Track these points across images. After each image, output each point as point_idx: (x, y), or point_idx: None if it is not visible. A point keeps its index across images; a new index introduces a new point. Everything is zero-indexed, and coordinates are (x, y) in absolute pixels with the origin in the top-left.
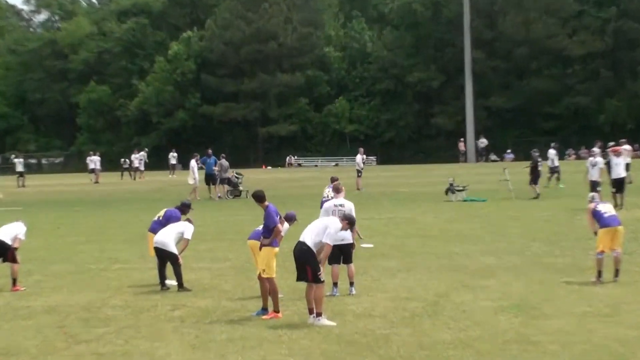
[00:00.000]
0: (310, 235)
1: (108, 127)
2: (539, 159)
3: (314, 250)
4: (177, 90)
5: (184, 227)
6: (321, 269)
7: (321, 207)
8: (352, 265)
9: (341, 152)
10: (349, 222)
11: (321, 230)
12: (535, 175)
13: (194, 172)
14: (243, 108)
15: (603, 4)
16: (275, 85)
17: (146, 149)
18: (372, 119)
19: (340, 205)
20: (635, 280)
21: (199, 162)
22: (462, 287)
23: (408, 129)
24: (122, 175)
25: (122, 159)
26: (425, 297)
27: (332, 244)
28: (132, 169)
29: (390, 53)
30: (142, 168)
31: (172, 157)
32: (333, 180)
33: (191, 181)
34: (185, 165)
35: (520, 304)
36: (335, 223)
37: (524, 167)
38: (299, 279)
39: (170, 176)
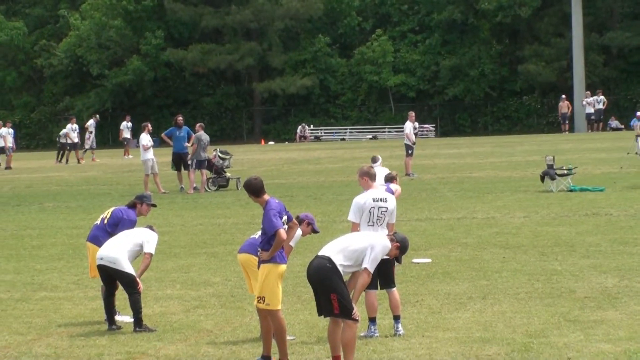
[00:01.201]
0: (337, 252)
1: (24, 84)
2: None
3: (342, 273)
4: (128, 25)
5: (143, 236)
6: (354, 306)
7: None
8: (395, 290)
9: (382, 118)
10: (400, 246)
11: (360, 248)
12: None
13: (144, 152)
14: (230, 52)
15: None
16: (279, 17)
17: (96, 116)
18: (429, 67)
19: (382, 199)
20: None
21: (162, 134)
22: (567, 323)
23: (483, 81)
24: (60, 156)
25: (65, 131)
26: (510, 339)
27: (372, 272)
28: (67, 147)
29: None
30: (91, 145)
31: (126, 128)
32: (374, 160)
33: (147, 158)
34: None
35: None
36: (383, 241)
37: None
38: (320, 312)
39: (125, 157)
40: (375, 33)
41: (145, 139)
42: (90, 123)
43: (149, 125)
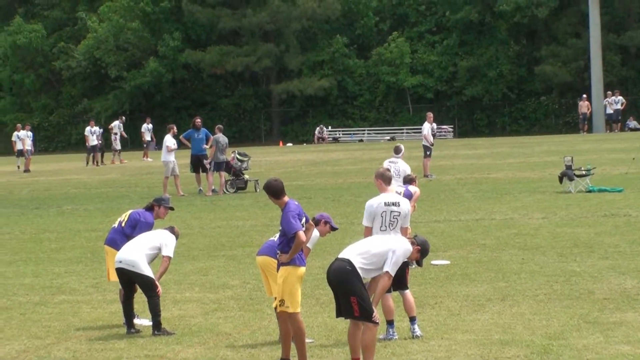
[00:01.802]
0: (358, 254)
1: (43, 86)
2: None
3: (362, 276)
4: (146, 27)
5: (161, 239)
6: (374, 309)
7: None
8: (408, 292)
9: (400, 119)
10: (421, 250)
11: (381, 252)
12: None
13: (167, 154)
14: (247, 54)
15: None
16: (295, 18)
17: (122, 117)
18: (446, 68)
19: (394, 203)
20: None
21: (180, 136)
22: (586, 325)
23: (501, 82)
24: (91, 161)
25: (95, 130)
26: (530, 341)
27: (393, 275)
28: (91, 150)
29: None
30: (118, 147)
31: (147, 130)
32: (395, 150)
33: (168, 161)
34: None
35: None
36: (405, 245)
37: None
38: (339, 314)
39: (144, 159)
40: (391, 35)
41: (170, 140)
42: (115, 124)
43: (174, 127)
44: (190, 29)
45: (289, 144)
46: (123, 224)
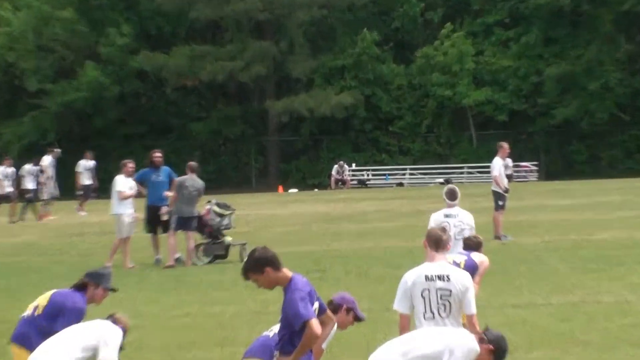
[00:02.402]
0: (399, 357)
1: None
2: None
3: None
4: (83, 17)
5: (99, 335)
6: None
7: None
8: None
9: (458, 152)
10: (495, 349)
11: (432, 353)
12: None
13: (120, 204)
14: (231, 57)
15: None
16: (303, 5)
17: (54, 150)
18: (526, 78)
19: (440, 277)
20: None
21: (133, 176)
22: None
23: (608, 98)
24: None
25: (10, 172)
26: None
27: None
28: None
29: None
30: (46, 195)
31: (85, 170)
32: (451, 194)
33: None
34: (105, 188)
35: None
36: (467, 342)
37: None
38: None
39: (78, 213)
40: (444, 28)
41: (123, 184)
42: (49, 161)
43: (131, 163)
44: (148, 20)
45: (293, 190)
46: (39, 311)
